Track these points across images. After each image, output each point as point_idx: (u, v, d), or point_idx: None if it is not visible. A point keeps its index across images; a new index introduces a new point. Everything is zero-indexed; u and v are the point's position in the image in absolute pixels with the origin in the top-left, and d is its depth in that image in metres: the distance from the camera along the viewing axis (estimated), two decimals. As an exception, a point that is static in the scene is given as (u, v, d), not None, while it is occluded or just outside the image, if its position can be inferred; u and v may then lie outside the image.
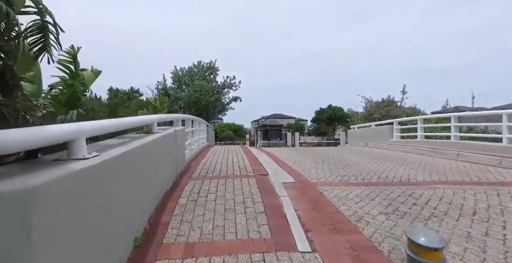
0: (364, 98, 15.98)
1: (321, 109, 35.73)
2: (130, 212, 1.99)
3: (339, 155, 7.43)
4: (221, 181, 3.66)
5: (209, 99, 11.21)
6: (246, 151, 7.84)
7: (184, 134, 4.74)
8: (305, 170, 4.93)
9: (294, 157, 6.81)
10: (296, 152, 8.55)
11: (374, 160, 6.13)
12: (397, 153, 7.63)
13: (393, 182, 3.93)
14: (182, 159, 4.57)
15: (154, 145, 2.78)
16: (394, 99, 14.83)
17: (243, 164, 5.05)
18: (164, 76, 13.25)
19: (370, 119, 14.21)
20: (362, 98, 15.98)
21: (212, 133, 12.39)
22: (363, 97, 15.99)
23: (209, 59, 12.78)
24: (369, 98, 15.94)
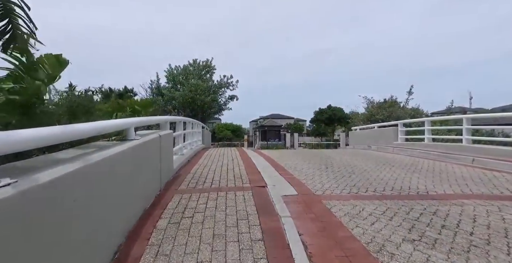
0: (365, 98, 15.55)
1: (321, 109, 35.29)
2: (87, 248, 1.47)
3: (343, 159, 6.94)
4: (212, 196, 3.14)
5: (204, 99, 10.67)
6: (243, 155, 7.33)
7: (171, 138, 4.22)
8: (308, 178, 4.43)
9: (295, 162, 6.31)
10: (296, 155, 8.05)
11: (382, 166, 5.64)
12: (405, 157, 7.15)
13: (410, 195, 3.43)
14: (169, 167, 4.05)
15: (128, 155, 2.27)
16: (397, 99, 14.41)
17: (238, 172, 4.54)
18: (157, 74, 12.76)
19: (372, 120, 13.75)
20: (364, 98, 15.55)
21: (208, 134, 11.86)
22: (365, 98, 15.56)
23: (205, 58, 12.35)
24: (370, 98, 15.51)
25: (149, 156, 2.98)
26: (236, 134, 53.26)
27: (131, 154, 2.36)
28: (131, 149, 2.33)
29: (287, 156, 7.83)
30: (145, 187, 2.75)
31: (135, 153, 2.46)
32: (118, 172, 2.04)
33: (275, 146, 24.83)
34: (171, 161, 4.18)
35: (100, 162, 1.72)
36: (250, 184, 3.70)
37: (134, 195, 2.38)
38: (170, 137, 4.16)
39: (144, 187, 2.72)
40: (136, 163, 2.45)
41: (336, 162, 6.45)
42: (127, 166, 2.24)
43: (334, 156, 7.71)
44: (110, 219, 1.85)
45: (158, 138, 3.34)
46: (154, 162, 3.14)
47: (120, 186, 2.06)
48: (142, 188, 2.63)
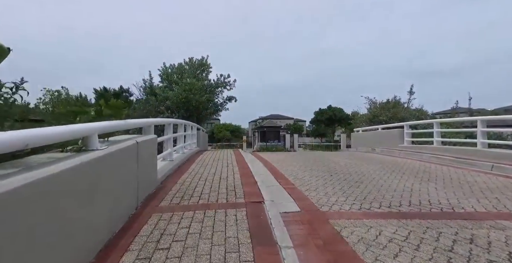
0: (367, 99, 15.03)
1: (321, 109, 34.82)
2: None
3: (348, 164, 6.42)
4: (197, 216, 2.61)
5: (199, 99, 10.12)
6: (240, 160, 6.80)
7: (154, 145, 3.69)
8: (311, 189, 3.91)
9: (296, 168, 5.79)
10: (297, 160, 7.53)
11: (391, 173, 5.12)
12: (414, 162, 6.64)
13: (433, 212, 2.91)
14: (152, 178, 3.51)
15: (82, 172, 1.74)
16: (401, 100, 13.91)
17: (232, 182, 4.01)
18: (150, 73, 12.11)
19: (375, 122, 13.25)
20: (366, 99, 15.04)
21: (204, 136, 11.31)
22: (367, 98, 15.04)
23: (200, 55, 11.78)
24: (373, 99, 14.99)
25: (120, 168, 2.45)
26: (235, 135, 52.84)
27: (89, 169, 1.84)
28: (87, 164, 1.80)
29: (287, 161, 7.31)
30: (113, 209, 2.22)
31: (95, 168, 1.93)
32: (61, 198, 1.50)
33: (274, 148, 24.32)
34: (154, 170, 3.65)
35: (21, 190, 1.19)
36: (244, 198, 3.17)
37: (91, 222, 1.84)
38: (153, 143, 3.63)
39: (111, 208, 2.19)
40: (95, 181, 1.92)
41: (341, 167, 5.93)
42: (79, 186, 1.71)
43: (337, 161, 7.19)
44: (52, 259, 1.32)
45: (135, 146, 2.81)
46: (127, 175, 2.61)
47: (65, 216, 1.53)
48: (106, 211, 2.09)
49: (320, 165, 6.37)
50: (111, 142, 2.66)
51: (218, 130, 48.98)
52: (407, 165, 6.17)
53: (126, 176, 2.57)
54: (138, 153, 2.88)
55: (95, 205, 1.89)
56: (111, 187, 2.21)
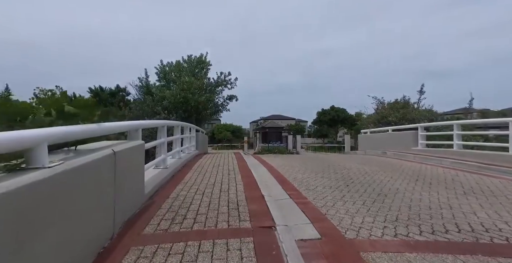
0: (375, 99, 14.37)
1: (323, 110, 34.15)
2: None
3: (361, 170, 5.79)
4: (190, 250, 1.98)
5: (198, 99, 9.49)
6: (242, 165, 6.17)
7: (140, 153, 3.06)
8: (328, 204, 3.29)
9: (304, 175, 5.16)
10: (303, 164, 6.89)
11: (415, 182, 4.49)
12: (435, 168, 5.99)
13: (496, 243, 2.27)
14: (136, 194, 2.88)
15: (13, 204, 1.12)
16: (410, 100, 13.24)
17: (235, 196, 3.38)
18: (146, 71, 11.42)
19: (383, 123, 12.60)
20: (373, 99, 14.37)
21: (204, 138, 10.70)
22: (374, 98, 14.38)
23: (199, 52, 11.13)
24: (380, 99, 14.32)
25: (84, 190, 1.82)
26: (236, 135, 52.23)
27: (21, 201, 1.21)
28: (16, 194, 1.17)
29: (293, 165, 6.67)
30: (71, 247, 1.59)
31: (36, 197, 1.31)
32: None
33: (276, 149, 23.63)
34: (140, 184, 3.02)
35: None
36: (250, 221, 2.54)
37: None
38: (139, 151, 3.00)
39: (69, 246, 1.56)
40: (33, 218, 1.29)
41: (355, 175, 5.30)
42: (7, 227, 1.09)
43: (349, 166, 6.55)
44: None
45: (110, 157, 2.18)
46: (96, 197, 1.98)
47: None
48: (60, 251, 1.46)
49: (331, 172, 5.74)
50: (78, 153, 2.04)
51: (218, 131, 48.38)
52: (430, 172, 5.53)
53: (94, 198, 1.94)
54: (115, 166, 2.25)
55: (42, 245, 1.26)
56: (68, 217, 1.58)
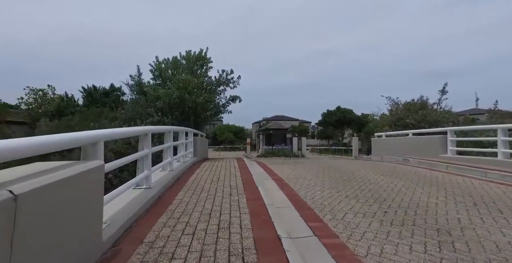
0: (389, 99, 13.26)
1: (329, 111, 33.02)
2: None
3: (391, 185, 4.72)
4: None
5: (196, 100, 8.48)
6: (246, 179, 5.13)
7: (95, 180, 2.02)
8: (373, 250, 2.25)
9: (324, 193, 4.11)
10: (317, 175, 5.84)
11: (478, 210, 3.41)
12: (485, 184, 4.89)
13: None
14: (80, 249, 1.83)
15: None
16: (429, 100, 12.12)
17: (238, 239, 2.35)
18: (138, 68, 10.03)
19: (399, 125, 11.50)
20: (387, 99, 13.26)
21: (203, 143, 9.69)
22: (388, 98, 13.26)
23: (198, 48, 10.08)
24: (395, 99, 13.21)
25: None
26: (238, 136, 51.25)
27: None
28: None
29: (305, 177, 5.62)
30: None
31: None
32: None
33: (281, 152, 22.58)
34: (94, 228, 1.98)
35: None
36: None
37: None
38: (92, 178, 1.97)
39: None
40: None
41: (386, 192, 4.27)
42: None
43: (373, 178, 5.48)
44: None
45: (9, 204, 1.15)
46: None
47: None
48: None
49: (354, 187, 4.70)
50: None
51: (220, 132, 47.44)
52: (484, 190, 4.44)
53: None
54: (15, 223, 1.21)
55: None
56: None
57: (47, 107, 14.52)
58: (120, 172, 7.39)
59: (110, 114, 10.10)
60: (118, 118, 9.33)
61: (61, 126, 10.69)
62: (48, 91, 16.02)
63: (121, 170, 7.34)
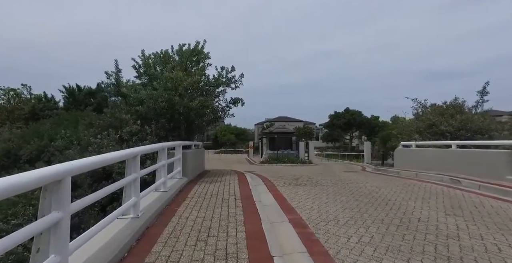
0: (415, 101, 11.41)
1: (336, 113, 31.12)
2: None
3: (481, 245, 2.90)
4: None
5: (189, 104, 6.75)
6: (253, 233, 3.35)
7: None
8: None
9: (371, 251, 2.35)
10: (346, 207, 4.06)
11: None
12: None
13: None
14: None
15: None
16: (466, 103, 10.28)
17: None
18: (117, 63, 7.90)
19: (431, 133, 9.67)
20: (413, 101, 11.42)
21: (197, 155, 7.97)
22: (414, 100, 11.43)
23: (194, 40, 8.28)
24: (423, 102, 11.37)
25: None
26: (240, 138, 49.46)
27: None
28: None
29: (339, 221, 3.83)
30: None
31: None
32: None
33: (286, 158, 20.81)
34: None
35: None
36: None
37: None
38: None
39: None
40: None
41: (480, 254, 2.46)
42: None
43: (434, 220, 3.66)
44: None
45: None
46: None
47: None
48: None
49: (419, 242, 2.92)
50: None
51: (222, 134, 45.64)
52: None
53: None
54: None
55: None
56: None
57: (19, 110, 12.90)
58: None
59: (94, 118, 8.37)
60: (94, 125, 7.60)
61: (27, 133, 9.09)
62: (23, 91, 14.47)
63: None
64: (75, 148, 7.39)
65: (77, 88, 14.36)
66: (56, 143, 7.77)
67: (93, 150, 6.61)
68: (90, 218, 5.55)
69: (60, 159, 7.54)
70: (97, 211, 5.34)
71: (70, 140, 8.08)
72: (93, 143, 6.53)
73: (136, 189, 3.25)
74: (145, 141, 6.24)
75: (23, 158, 8.20)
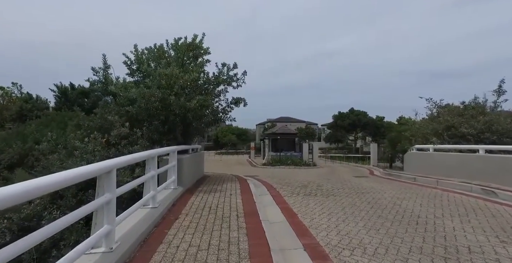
0: (430, 101, 10.64)
1: (341, 113, 30.30)
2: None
3: None
4: None
5: (186, 105, 6.38)
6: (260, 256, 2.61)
7: None
8: None
9: None
10: (377, 233, 3.31)
11: None
12: None
13: None
14: None
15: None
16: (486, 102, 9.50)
17: None
18: (105, 58, 6.86)
19: (450, 135, 8.89)
20: (427, 101, 10.65)
21: (196, 160, 7.25)
22: (429, 100, 10.66)
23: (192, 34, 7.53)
24: (438, 102, 10.59)
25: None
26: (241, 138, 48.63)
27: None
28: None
29: (366, 250, 3.08)
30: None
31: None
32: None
33: (289, 160, 20.06)
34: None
35: None
36: None
37: None
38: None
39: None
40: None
41: None
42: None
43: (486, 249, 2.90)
44: None
45: None
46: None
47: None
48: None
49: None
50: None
51: (223, 134, 44.91)
52: None
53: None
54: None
55: None
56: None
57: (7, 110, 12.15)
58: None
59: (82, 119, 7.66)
60: (82, 126, 6.88)
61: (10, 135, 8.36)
62: (13, 89, 13.73)
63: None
64: (60, 152, 6.69)
65: (71, 87, 13.61)
66: (41, 147, 7.05)
67: (79, 155, 5.90)
68: (70, 235, 4.84)
69: (44, 165, 6.83)
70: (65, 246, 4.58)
71: (56, 143, 7.37)
72: (78, 148, 5.82)
73: (110, 213, 2.52)
74: (136, 146, 5.52)
75: (2, 163, 7.48)
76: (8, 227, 5.36)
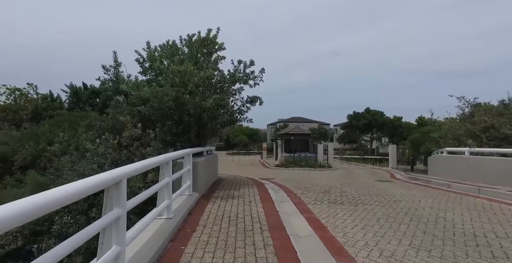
0: (461, 99, 9.79)
1: (356, 113, 29.25)
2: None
3: None
4: None
5: (201, 104, 5.91)
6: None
7: None
8: None
9: None
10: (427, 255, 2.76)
11: None
12: None
13: None
14: None
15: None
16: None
17: None
18: (115, 56, 6.52)
19: (490, 138, 8.06)
20: (459, 100, 9.80)
21: (210, 163, 6.86)
22: (460, 99, 9.80)
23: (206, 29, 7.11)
24: (470, 100, 9.72)
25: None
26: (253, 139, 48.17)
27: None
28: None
29: (410, 258, 2.54)
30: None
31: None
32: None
33: (304, 161, 19.42)
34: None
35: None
36: None
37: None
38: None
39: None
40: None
41: None
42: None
43: None
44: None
45: None
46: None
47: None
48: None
49: None
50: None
51: (234, 135, 44.67)
52: None
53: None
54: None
55: None
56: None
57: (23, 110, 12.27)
58: None
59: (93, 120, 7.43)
60: (93, 127, 6.63)
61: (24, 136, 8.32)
62: (29, 90, 13.93)
63: None
64: (72, 154, 6.47)
65: (83, 87, 13.63)
66: (53, 148, 6.86)
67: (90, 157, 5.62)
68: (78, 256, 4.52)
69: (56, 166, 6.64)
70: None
71: (68, 144, 7.17)
72: (89, 150, 5.54)
73: (120, 232, 2.10)
74: (148, 148, 5.16)
75: (15, 164, 7.39)
76: (20, 231, 5.18)
